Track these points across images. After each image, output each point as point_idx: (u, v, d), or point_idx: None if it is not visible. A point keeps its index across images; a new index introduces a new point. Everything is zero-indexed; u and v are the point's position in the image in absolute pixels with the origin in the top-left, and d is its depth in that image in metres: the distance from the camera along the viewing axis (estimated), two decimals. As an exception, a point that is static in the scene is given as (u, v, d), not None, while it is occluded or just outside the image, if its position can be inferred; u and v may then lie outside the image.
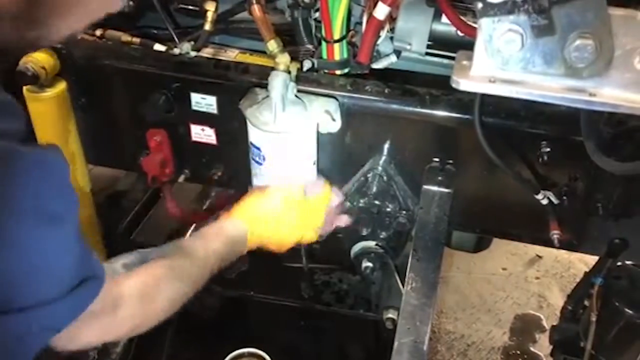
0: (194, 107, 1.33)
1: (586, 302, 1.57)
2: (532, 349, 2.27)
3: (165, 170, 1.43)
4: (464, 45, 1.04)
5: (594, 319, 1.46)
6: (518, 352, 2.26)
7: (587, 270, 1.67)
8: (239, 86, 1.27)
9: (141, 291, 0.93)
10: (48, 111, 1.33)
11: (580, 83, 0.83)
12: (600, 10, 0.77)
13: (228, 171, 1.42)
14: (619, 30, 0.78)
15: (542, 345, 2.23)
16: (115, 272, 0.93)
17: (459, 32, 1.22)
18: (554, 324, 1.73)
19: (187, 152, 1.41)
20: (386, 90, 1.25)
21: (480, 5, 0.81)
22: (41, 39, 0.72)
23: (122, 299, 0.89)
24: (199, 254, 1.07)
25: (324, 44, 1.28)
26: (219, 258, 1.10)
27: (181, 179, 1.45)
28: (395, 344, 1.16)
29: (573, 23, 0.79)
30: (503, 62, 0.83)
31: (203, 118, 1.34)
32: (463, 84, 0.88)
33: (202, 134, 1.37)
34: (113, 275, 0.89)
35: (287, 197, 1.23)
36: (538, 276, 2.57)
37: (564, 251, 2.60)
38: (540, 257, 2.62)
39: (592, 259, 1.64)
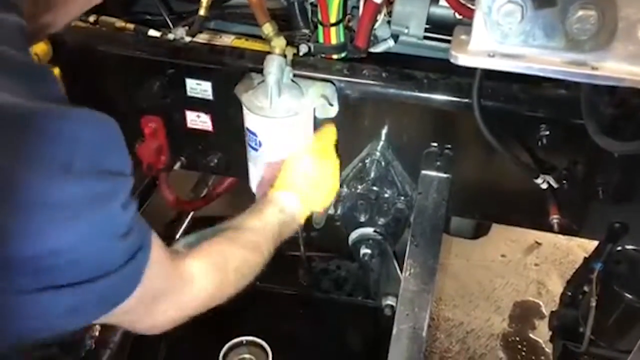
0: (189, 93, 1.31)
1: (586, 288, 1.56)
2: (531, 335, 2.27)
3: (160, 158, 1.41)
4: (463, 27, 1.03)
5: (593, 304, 1.46)
6: (517, 338, 2.26)
7: (587, 256, 1.66)
8: (235, 71, 1.26)
9: (208, 263, 0.94)
10: (41, 98, 1.31)
11: (582, 56, 0.80)
12: (603, -22, 0.75)
13: (224, 158, 1.41)
14: (622, 1, 0.75)
15: (542, 332, 2.24)
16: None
17: (457, 15, 1.20)
18: (554, 309, 1.73)
19: (183, 139, 1.40)
20: (384, 75, 1.24)
21: (479, -24, 0.79)
22: (52, 25, 0.80)
23: (190, 274, 0.89)
24: (255, 224, 1.07)
25: (320, 27, 1.26)
26: (278, 224, 1.10)
27: (177, 166, 1.44)
28: (394, 330, 1.16)
29: (575, -8, 0.76)
30: (502, 36, 0.81)
31: (198, 104, 1.33)
32: (461, 58, 0.86)
33: (198, 120, 1.36)
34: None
35: (316, 151, 1.21)
36: (537, 263, 2.56)
37: (563, 238, 2.60)
38: (539, 243, 2.62)
39: (591, 246, 1.64)
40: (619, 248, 1.46)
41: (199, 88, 1.30)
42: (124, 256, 0.74)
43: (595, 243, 1.58)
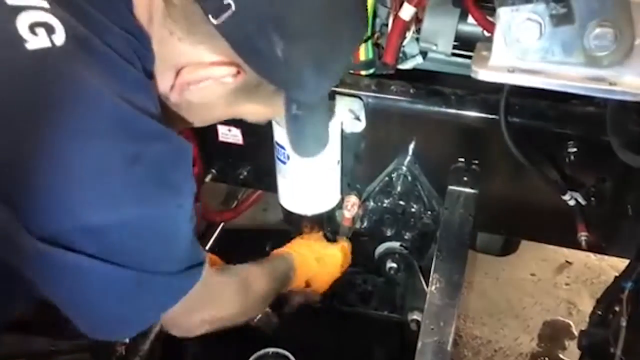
0: (221, 108, 1.35)
1: (616, 307, 1.53)
2: (561, 355, 2.23)
3: (192, 170, 1.45)
4: (490, 44, 1.04)
5: (623, 324, 1.43)
6: (546, 358, 2.22)
7: (617, 275, 1.63)
8: (265, 86, 1.29)
9: (237, 284, 1.06)
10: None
11: (600, 72, 0.82)
12: (620, -4, 0.77)
13: (254, 171, 1.44)
14: (639, 18, 0.77)
15: (572, 352, 2.19)
16: None
17: (485, 32, 1.22)
18: (583, 329, 1.70)
19: (214, 152, 1.43)
20: (411, 90, 1.26)
21: (498, -6, 0.82)
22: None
23: (222, 291, 1.02)
24: (269, 268, 1.20)
25: (349, 44, 1.29)
26: (271, 286, 1.19)
27: (208, 178, 1.48)
28: (419, 344, 1.16)
29: (592, 11, 0.78)
30: (522, 52, 0.83)
31: (230, 118, 1.36)
32: (482, 74, 0.88)
33: (229, 134, 1.39)
34: None
35: (330, 246, 1.38)
36: (568, 282, 2.52)
37: (594, 258, 2.56)
38: (570, 263, 2.58)
39: (623, 266, 1.61)
40: (650, 267, 1.44)
41: (231, 102, 1.33)
42: (184, 263, 0.84)
43: (627, 261, 1.56)
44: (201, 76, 0.82)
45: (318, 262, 1.33)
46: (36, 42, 0.70)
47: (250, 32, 0.77)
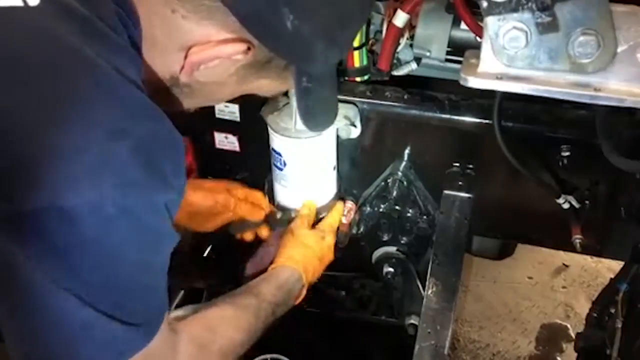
0: (218, 115, 1.36)
1: (612, 309, 1.54)
2: (558, 358, 2.24)
3: (190, 177, 1.46)
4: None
5: (619, 325, 1.44)
6: (544, 361, 2.24)
7: (612, 277, 1.64)
8: (261, 94, 1.30)
9: (197, 340, 0.90)
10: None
11: (585, 78, 0.85)
12: (602, 6, 0.80)
13: (251, 178, 1.45)
14: (622, 26, 0.80)
15: (569, 355, 2.20)
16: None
17: (477, 38, 1.23)
18: (580, 331, 1.71)
19: (211, 159, 1.44)
20: (405, 96, 1.27)
21: (485, 4, 0.84)
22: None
23: (179, 345, 0.85)
24: (251, 302, 1.04)
25: (344, 51, 1.30)
26: (274, 304, 1.08)
27: (205, 185, 1.48)
28: (416, 347, 1.17)
29: (576, 20, 0.81)
30: (509, 60, 0.85)
31: (226, 125, 1.37)
32: (471, 81, 0.90)
33: (226, 141, 1.40)
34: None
35: (317, 229, 1.27)
36: (565, 285, 2.53)
37: (591, 260, 2.57)
38: (567, 266, 2.59)
39: (620, 268, 1.62)
40: (645, 269, 1.45)
41: (227, 110, 1.35)
42: (147, 312, 0.74)
43: (622, 262, 1.57)
44: (211, 55, 0.78)
45: (320, 261, 1.24)
46: (6, 0, 0.66)
47: (259, 6, 0.74)
